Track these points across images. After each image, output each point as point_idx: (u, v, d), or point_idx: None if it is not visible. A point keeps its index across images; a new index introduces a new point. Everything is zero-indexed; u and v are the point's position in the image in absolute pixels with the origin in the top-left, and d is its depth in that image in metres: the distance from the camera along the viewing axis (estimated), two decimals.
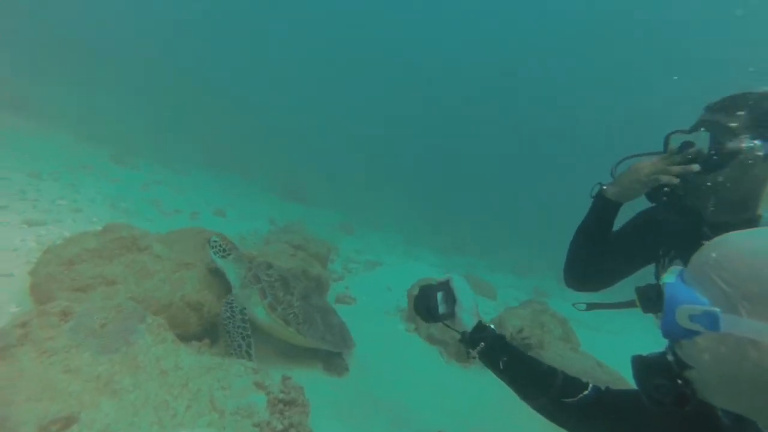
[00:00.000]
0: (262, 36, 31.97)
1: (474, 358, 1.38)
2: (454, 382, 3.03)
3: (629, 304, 2.09)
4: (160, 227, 5.14)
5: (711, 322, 0.68)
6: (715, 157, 1.35)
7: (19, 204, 4.13)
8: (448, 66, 32.29)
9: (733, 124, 1.35)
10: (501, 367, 1.31)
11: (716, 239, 0.78)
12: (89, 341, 1.77)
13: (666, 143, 1.49)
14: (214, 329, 2.76)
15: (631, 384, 0.93)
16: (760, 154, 1.31)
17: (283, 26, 32.26)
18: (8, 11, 15.64)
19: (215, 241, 2.72)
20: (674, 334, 0.76)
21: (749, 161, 1.32)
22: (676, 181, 1.39)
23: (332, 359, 2.90)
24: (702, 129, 1.41)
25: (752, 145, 1.31)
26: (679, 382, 0.78)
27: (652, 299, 0.99)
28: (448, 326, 1.52)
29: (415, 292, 3.98)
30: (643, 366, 0.86)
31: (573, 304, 1.89)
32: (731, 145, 1.33)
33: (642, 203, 1.65)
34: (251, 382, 1.87)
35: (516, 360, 1.32)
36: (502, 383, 1.34)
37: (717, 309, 0.68)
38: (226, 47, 28.38)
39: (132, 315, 1.93)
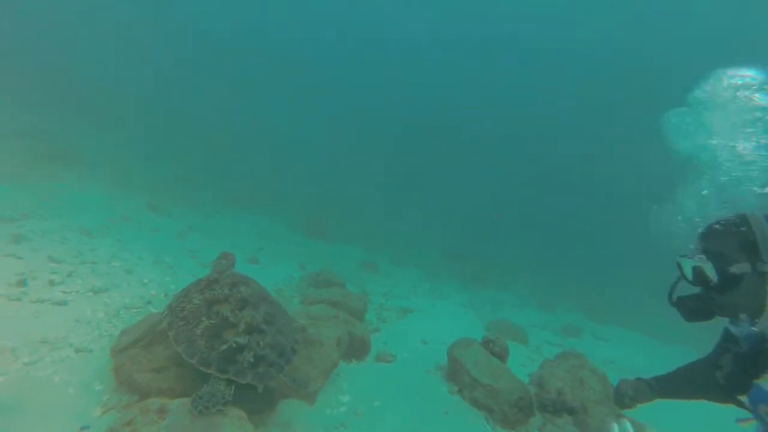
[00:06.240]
0: (283, 79, 33.64)
1: None
2: None
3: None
4: None
5: None
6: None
7: (81, 268, 4.44)
8: (463, 98, 32.98)
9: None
10: None
11: None
12: None
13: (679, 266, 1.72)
14: (272, 403, 2.94)
15: None
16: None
17: (301, 68, 33.97)
18: (49, 69, 17.04)
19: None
20: None
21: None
22: None
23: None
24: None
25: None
26: None
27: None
28: None
29: (456, 352, 4.00)
30: None
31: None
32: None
33: None
34: None
35: None
36: None
37: None
38: (245, 92, 29.77)
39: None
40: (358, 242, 12.16)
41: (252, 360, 2.51)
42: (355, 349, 3.99)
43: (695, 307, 1.73)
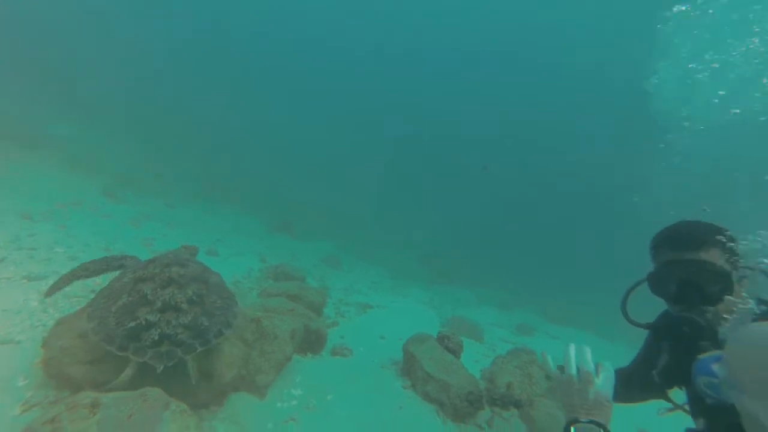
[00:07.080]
0: (254, 72, 33.02)
1: None
2: None
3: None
4: None
5: None
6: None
7: (16, 254, 4.12)
8: (440, 102, 33.38)
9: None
10: None
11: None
12: None
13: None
14: (221, 397, 2.85)
15: None
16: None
17: (276, 63, 33.44)
18: (18, 48, 16.05)
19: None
20: None
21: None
22: None
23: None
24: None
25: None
26: None
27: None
28: None
29: (411, 347, 4.00)
30: None
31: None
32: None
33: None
34: None
35: None
36: None
37: None
38: (217, 83, 28.99)
39: (156, 402, 2.02)
40: (327, 239, 12.07)
41: (156, 338, 2.36)
42: (311, 342, 3.95)
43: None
